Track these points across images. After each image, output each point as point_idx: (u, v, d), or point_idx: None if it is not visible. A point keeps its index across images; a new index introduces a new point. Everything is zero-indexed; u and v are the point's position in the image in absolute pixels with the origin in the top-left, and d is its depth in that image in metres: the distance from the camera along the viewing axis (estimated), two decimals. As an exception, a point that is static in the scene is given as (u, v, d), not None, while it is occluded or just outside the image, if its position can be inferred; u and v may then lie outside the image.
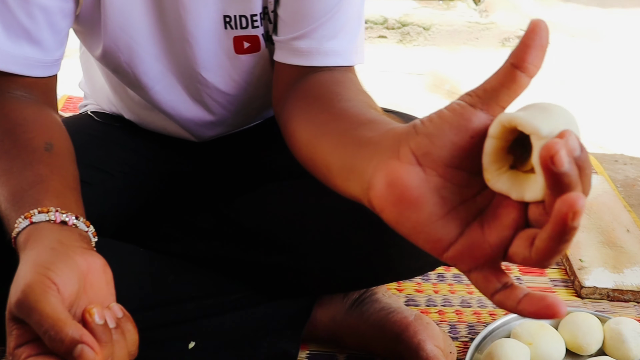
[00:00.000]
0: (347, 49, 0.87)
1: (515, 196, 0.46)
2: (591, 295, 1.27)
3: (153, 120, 1.09)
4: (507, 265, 1.30)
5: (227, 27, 0.90)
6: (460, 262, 0.49)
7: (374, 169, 0.52)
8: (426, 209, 0.48)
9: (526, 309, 0.45)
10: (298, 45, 0.86)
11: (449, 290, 1.24)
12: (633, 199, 1.72)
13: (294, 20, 0.87)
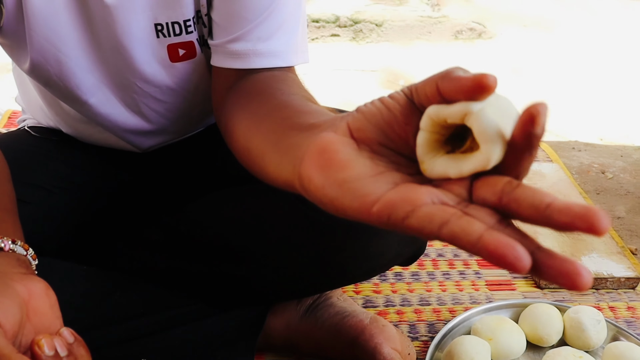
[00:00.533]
0: (285, 49, 0.84)
1: (454, 173, 0.44)
2: (550, 285, 1.26)
3: (91, 133, 1.05)
4: (466, 260, 1.28)
5: (160, 36, 0.86)
6: (393, 210, 0.41)
7: (307, 145, 0.50)
8: (354, 170, 0.45)
9: (489, 247, 0.37)
10: (234, 48, 0.83)
11: (407, 289, 1.22)
12: (588, 185, 1.72)
13: (228, 23, 0.84)
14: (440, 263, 1.30)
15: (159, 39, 0.87)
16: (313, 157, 0.48)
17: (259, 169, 0.64)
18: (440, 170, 0.44)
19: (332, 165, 0.46)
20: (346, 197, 0.44)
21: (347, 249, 0.86)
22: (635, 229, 1.54)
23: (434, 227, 0.39)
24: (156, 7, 0.84)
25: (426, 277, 1.25)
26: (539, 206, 0.38)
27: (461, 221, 0.38)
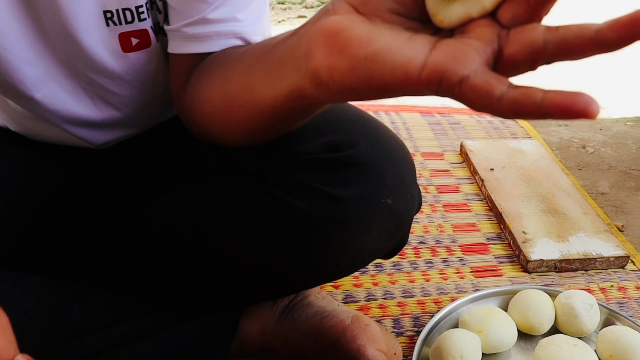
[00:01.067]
0: (250, 30, 0.76)
1: (477, 11, 0.41)
2: (538, 268, 1.20)
3: (41, 130, 0.96)
4: (449, 247, 1.22)
5: (110, 24, 0.78)
6: (446, 73, 0.38)
7: (308, 39, 0.44)
8: (381, 40, 0.40)
9: (556, 101, 0.35)
10: (193, 31, 0.76)
11: (389, 280, 1.15)
12: (570, 161, 1.67)
13: (184, 7, 0.76)
14: (422, 251, 1.23)
15: (109, 27, 0.78)
16: (326, 45, 0.42)
17: (249, 104, 0.58)
18: (459, 14, 0.41)
19: (353, 44, 0.41)
20: (385, 70, 0.40)
21: (322, 245, 0.79)
22: (620, 204, 1.49)
23: (492, 98, 0.37)
24: None
25: (408, 267, 1.18)
26: (590, 35, 0.35)
27: (521, 88, 0.36)
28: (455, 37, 0.40)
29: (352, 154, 0.77)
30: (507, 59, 0.38)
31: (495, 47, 0.39)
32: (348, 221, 0.77)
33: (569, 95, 0.34)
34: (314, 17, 0.46)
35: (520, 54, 0.38)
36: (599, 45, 0.35)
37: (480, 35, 0.39)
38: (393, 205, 0.79)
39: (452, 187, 1.45)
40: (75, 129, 0.92)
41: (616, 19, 0.34)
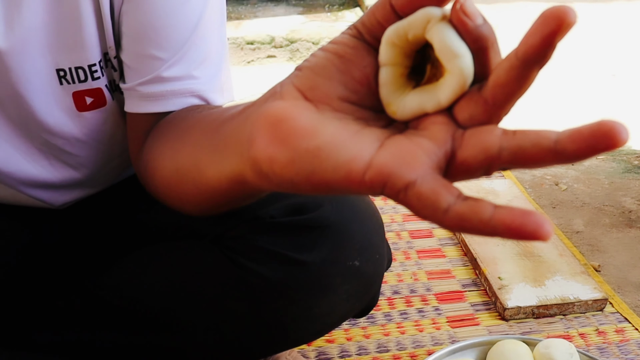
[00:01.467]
0: (207, 88, 0.74)
1: (432, 105, 0.38)
2: (515, 316, 1.18)
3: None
4: (424, 296, 1.19)
5: (63, 83, 0.75)
6: (391, 177, 0.35)
7: (252, 124, 0.41)
8: (326, 133, 0.37)
9: (505, 220, 0.31)
10: (148, 90, 0.73)
11: (363, 335, 1.11)
12: (543, 199, 1.65)
13: (140, 64, 0.73)
14: (397, 301, 1.20)
15: (63, 85, 0.75)
16: (267, 133, 0.39)
17: (195, 182, 0.54)
18: (413, 107, 0.38)
19: (296, 135, 0.37)
20: (327, 167, 0.36)
21: (287, 312, 0.76)
22: (595, 242, 1.48)
23: (438, 210, 0.33)
24: (56, 50, 0.72)
25: (383, 319, 1.15)
26: (549, 145, 0.32)
27: (470, 201, 0.33)
28: (407, 134, 0.37)
29: (317, 216, 0.74)
30: (460, 163, 0.35)
31: (448, 149, 0.35)
32: (314, 286, 0.74)
33: (519, 215, 0.31)
34: (262, 97, 0.43)
35: (474, 159, 0.34)
36: (558, 156, 0.32)
37: (433, 134, 0.36)
38: (361, 267, 0.76)
39: (426, 231, 1.42)
40: (32, 190, 0.88)
41: (576, 129, 0.31)
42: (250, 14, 3.64)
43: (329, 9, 3.76)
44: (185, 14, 0.71)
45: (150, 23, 0.71)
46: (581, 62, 2.98)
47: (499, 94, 0.35)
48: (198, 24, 0.72)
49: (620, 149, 2.04)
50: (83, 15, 0.70)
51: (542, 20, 0.32)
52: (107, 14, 0.71)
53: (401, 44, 0.38)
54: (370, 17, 0.39)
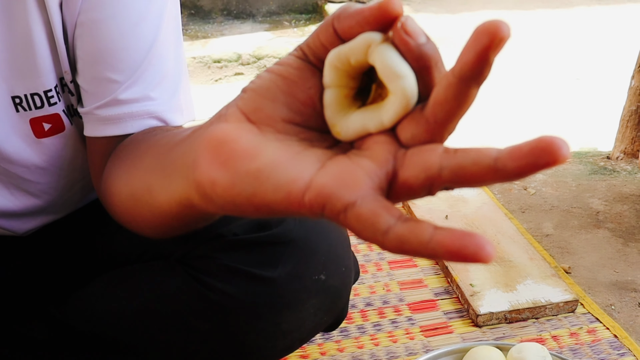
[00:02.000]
0: (165, 108, 0.73)
1: (374, 125, 0.38)
2: (488, 322, 1.18)
3: None
4: (397, 306, 1.19)
5: (20, 110, 0.74)
6: (331, 198, 0.34)
7: (197, 147, 0.41)
8: (267, 155, 0.37)
9: (445, 242, 0.31)
10: (105, 113, 0.72)
11: (337, 348, 1.10)
12: (512, 204, 1.67)
13: (96, 88, 0.72)
14: (370, 313, 1.20)
15: (19, 112, 0.74)
16: (209, 156, 0.39)
17: (149, 206, 0.54)
18: (357, 127, 0.38)
19: (237, 157, 0.37)
20: (267, 189, 0.36)
21: (255, 329, 0.75)
22: (565, 245, 1.49)
23: (378, 231, 0.32)
24: (10, 77, 0.71)
25: (356, 332, 1.14)
26: (489, 163, 0.32)
27: (410, 222, 0.32)
28: (349, 154, 0.37)
29: (280, 232, 0.74)
30: (401, 183, 0.35)
31: (389, 170, 0.35)
32: (280, 302, 0.73)
33: (459, 237, 0.30)
34: (208, 121, 0.43)
35: (416, 179, 0.34)
36: (498, 174, 0.31)
37: (375, 154, 0.36)
38: (327, 281, 0.76)
39: (397, 242, 1.43)
40: None
41: (516, 146, 0.31)
42: (217, 32, 3.64)
43: (295, 25, 3.78)
44: (139, 35, 0.71)
45: (104, 46, 0.70)
46: (546, 66, 3.02)
47: (439, 112, 0.35)
48: (153, 44, 0.72)
49: (586, 151, 2.07)
50: (35, 41, 0.70)
51: (475, 37, 0.32)
52: (60, 39, 0.70)
53: (344, 68, 0.38)
54: (315, 39, 0.39)
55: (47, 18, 0.69)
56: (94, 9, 0.69)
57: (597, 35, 3.51)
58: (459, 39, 3.45)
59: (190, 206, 0.43)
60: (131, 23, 0.70)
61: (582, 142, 2.19)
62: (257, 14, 4.00)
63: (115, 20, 0.69)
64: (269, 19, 3.92)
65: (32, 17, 0.68)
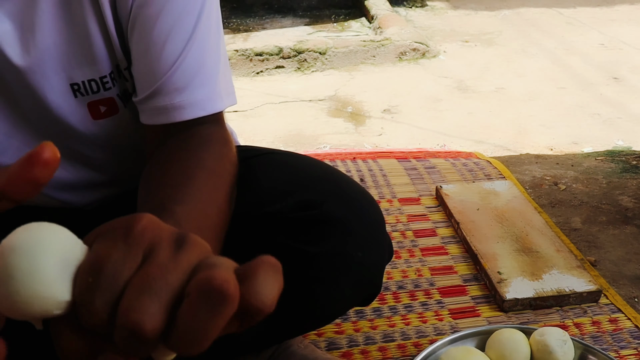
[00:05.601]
0: (205, 97, 0.79)
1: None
2: (514, 307, 1.24)
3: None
4: (428, 290, 1.26)
5: (78, 95, 0.82)
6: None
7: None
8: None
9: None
10: (153, 103, 0.79)
11: (370, 326, 1.18)
12: (543, 198, 1.72)
13: (144, 79, 0.80)
14: (402, 295, 1.27)
15: (77, 98, 0.83)
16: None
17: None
18: None
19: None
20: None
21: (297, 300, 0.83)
22: (592, 239, 1.54)
23: None
24: (69, 67, 0.80)
25: (388, 312, 1.22)
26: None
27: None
28: None
29: (323, 212, 0.82)
30: None
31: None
32: (321, 276, 0.81)
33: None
34: None
35: None
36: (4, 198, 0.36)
37: None
38: (364, 258, 0.83)
39: (429, 231, 1.50)
40: (58, 193, 0.96)
41: (8, 169, 0.35)
42: (259, 26, 3.73)
43: (335, 20, 3.85)
44: (181, 27, 0.77)
45: (152, 39, 0.77)
46: (583, 64, 3.04)
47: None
48: (192, 34, 0.78)
49: (619, 150, 2.11)
50: (91, 34, 0.78)
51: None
52: (113, 32, 0.79)
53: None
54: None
55: (101, 13, 0.77)
56: (145, 4, 0.76)
57: (637, 34, 3.51)
58: (498, 35, 3.49)
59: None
60: (175, 16, 0.77)
61: (616, 140, 2.23)
62: (298, 8, 4.08)
63: (163, 14, 0.76)
64: (309, 14, 4.00)
65: (87, 13, 0.76)
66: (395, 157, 1.89)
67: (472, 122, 2.45)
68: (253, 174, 0.88)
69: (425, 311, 1.23)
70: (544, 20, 3.82)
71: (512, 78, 2.91)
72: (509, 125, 2.41)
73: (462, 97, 2.72)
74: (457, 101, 2.68)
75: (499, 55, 3.22)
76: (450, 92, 2.77)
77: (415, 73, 3.03)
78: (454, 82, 2.88)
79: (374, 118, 2.50)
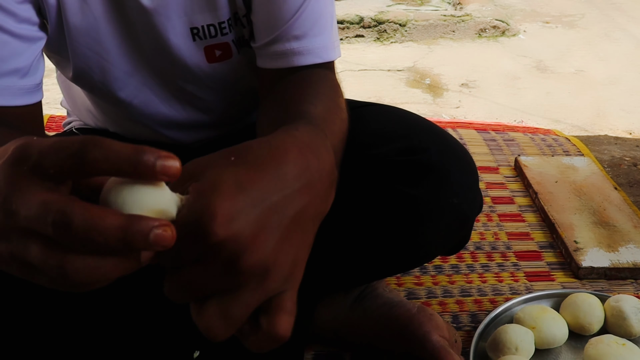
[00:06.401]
0: (321, 45, 0.85)
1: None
2: (589, 275, 1.28)
3: (137, 131, 1.08)
4: (504, 253, 1.30)
5: (196, 39, 0.89)
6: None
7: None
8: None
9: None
10: (273, 49, 0.86)
11: (448, 281, 1.24)
12: (621, 178, 1.73)
13: (265, 25, 0.86)
14: (479, 255, 1.32)
15: (196, 41, 0.90)
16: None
17: None
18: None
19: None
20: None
21: (394, 238, 0.89)
22: (669, 220, 1.55)
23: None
24: (191, 12, 0.86)
25: (466, 270, 1.27)
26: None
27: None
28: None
29: (424, 158, 0.87)
30: None
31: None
32: (419, 217, 0.87)
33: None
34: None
35: None
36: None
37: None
38: (459, 205, 0.88)
39: (507, 198, 1.53)
40: (167, 130, 1.03)
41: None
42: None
43: (416, -7, 3.86)
44: None
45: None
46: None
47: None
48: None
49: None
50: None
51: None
52: None
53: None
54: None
55: None
56: None
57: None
58: (580, 18, 3.44)
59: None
60: None
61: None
62: (378, -21, 4.10)
63: None
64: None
65: None
66: (474, 128, 1.92)
67: (550, 101, 2.45)
68: (362, 118, 0.94)
69: (502, 272, 1.27)
70: (629, 4, 3.74)
71: (593, 61, 2.89)
72: (588, 107, 2.40)
73: (541, 76, 2.72)
74: (536, 80, 2.67)
75: (580, 38, 3.19)
76: (529, 71, 2.77)
77: (494, 50, 3.03)
78: (533, 62, 2.87)
79: (451, 91, 2.53)
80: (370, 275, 0.99)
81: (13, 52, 0.78)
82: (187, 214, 0.42)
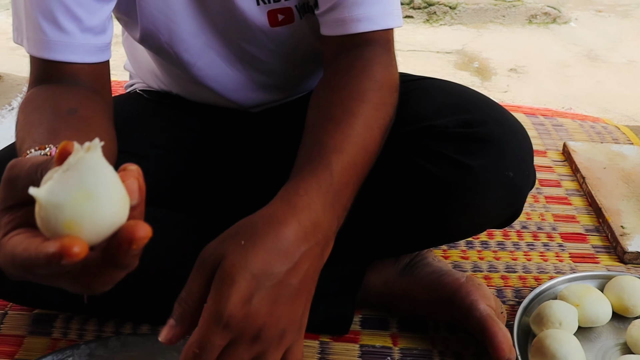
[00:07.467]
0: (379, 12, 0.87)
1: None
2: (634, 260, 1.29)
3: (200, 93, 1.11)
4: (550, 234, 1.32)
5: (260, 3, 0.93)
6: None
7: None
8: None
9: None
10: (333, 16, 0.88)
11: (494, 257, 1.26)
12: (670, 168, 1.72)
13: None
14: (525, 234, 1.34)
15: (259, 5, 0.93)
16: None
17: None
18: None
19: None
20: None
21: (450, 207, 0.91)
22: None
23: None
24: None
25: (511, 247, 1.29)
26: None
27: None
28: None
29: (482, 131, 0.90)
30: None
31: None
32: (475, 187, 0.90)
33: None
34: None
35: None
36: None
37: None
38: (514, 178, 0.91)
39: (554, 182, 1.55)
40: (228, 92, 1.07)
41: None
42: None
43: (467, -24, 3.84)
44: None
45: None
46: None
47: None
48: None
49: None
50: None
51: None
52: None
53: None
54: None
55: None
56: None
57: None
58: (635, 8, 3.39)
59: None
60: None
61: None
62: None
63: None
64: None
65: None
66: (522, 112, 1.92)
67: (600, 90, 2.44)
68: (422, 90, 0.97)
69: (547, 251, 1.29)
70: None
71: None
72: (639, 97, 2.38)
73: (591, 65, 2.70)
74: (586, 69, 2.66)
75: (634, 28, 3.14)
76: (579, 60, 2.75)
77: (544, 37, 3.01)
78: (584, 50, 2.85)
79: (500, 75, 2.52)
80: (423, 242, 1.02)
81: (89, 10, 0.83)
82: (212, 306, 0.60)
